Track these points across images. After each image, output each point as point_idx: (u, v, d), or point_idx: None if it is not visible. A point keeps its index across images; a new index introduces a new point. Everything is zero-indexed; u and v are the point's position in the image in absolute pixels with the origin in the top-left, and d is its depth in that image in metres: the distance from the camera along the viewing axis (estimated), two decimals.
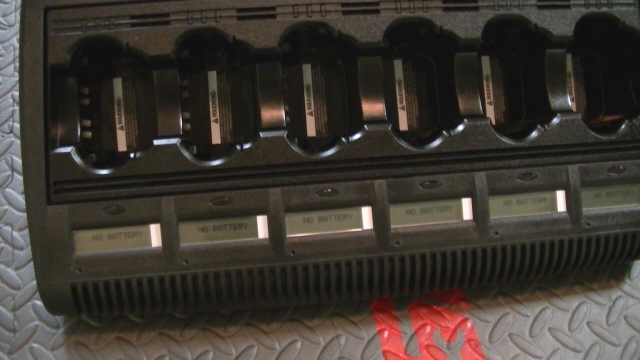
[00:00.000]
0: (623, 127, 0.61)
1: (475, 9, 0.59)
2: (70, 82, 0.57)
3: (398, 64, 0.65)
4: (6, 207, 0.65)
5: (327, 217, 0.57)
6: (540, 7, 0.60)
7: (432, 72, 0.64)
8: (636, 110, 0.62)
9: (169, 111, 0.57)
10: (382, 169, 0.57)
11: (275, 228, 0.56)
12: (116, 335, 0.60)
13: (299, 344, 0.61)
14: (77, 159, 0.55)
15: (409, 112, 0.65)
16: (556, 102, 0.61)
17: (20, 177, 0.65)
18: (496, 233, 0.58)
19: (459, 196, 0.58)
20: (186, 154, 0.56)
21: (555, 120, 0.59)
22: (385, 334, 0.62)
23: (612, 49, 0.65)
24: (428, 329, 0.62)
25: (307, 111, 0.63)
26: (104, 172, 0.55)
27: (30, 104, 0.54)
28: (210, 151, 0.61)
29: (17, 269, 0.63)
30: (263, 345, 0.60)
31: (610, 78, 0.65)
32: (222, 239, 0.56)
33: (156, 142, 0.56)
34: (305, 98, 0.63)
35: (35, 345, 0.60)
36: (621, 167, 0.60)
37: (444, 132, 0.58)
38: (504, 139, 0.58)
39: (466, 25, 0.59)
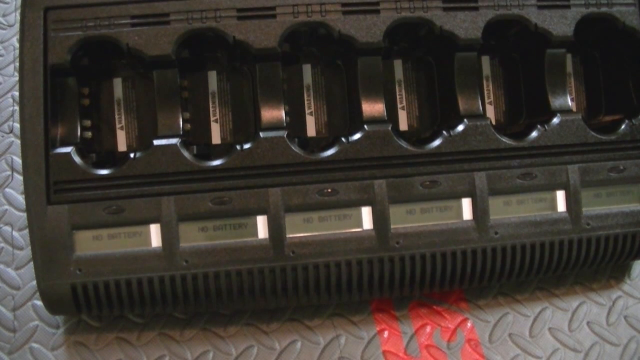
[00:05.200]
0: (623, 127, 0.61)
1: (475, 9, 0.59)
2: (70, 82, 0.57)
3: (398, 64, 0.65)
4: (6, 207, 0.66)
5: (327, 217, 0.57)
6: (540, 7, 0.60)
7: (432, 72, 0.64)
8: (636, 110, 0.62)
9: (169, 111, 0.57)
10: (382, 169, 0.57)
11: (275, 228, 0.56)
12: (116, 335, 0.60)
13: (299, 344, 0.61)
14: (77, 159, 0.55)
15: (409, 112, 0.65)
16: (556, 102, 0.61)
17: (20, 177, 0.65)
18: (496, 233, 0.58)
19: (459, 196, 0.58)
20: (186, 154, 0.56)
21: (555, 120, 0.59)
22: (385, 334, 0.62)
23: (612, 49, 0.65)
24: (428, 329, 0.62)
25: (307, 111, 0.63)
26: (104, 172, 0.55)
27: (30, 104, 0.54)
28: (210, 151, 0.61)
29: (17, 269, 0.63)
30: (263, 345, 0.60)
31: (610, 78, 0.65)
32: (222, 239, 0.56)
33: (156, 142, 0.56)
34: (305, 98, 0.63)
35: (35, 345, 0.60)
36: (621, 167, 0.60)
37: (444, 132, 0.58)
38: (504, 139, 0.58)
39: (466, 25, 0.59)
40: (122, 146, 0.61)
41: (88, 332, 0.60)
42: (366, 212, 0.57)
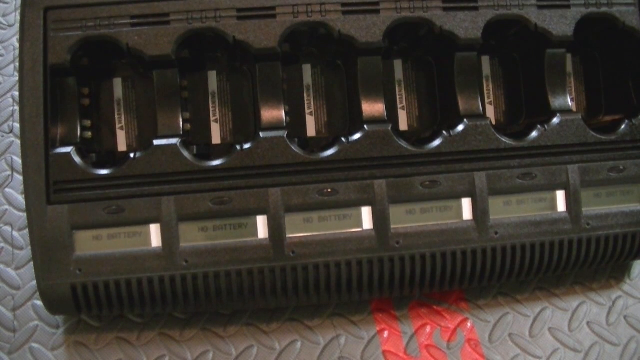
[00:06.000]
0: (623, 127, 0.61)
1: (475, 9, 0.59)
2: (70, 82, 0.57)
3: (398, 64, 0.65)
4: (6, 207, 0.65)
5: (327, 217, 0.57)
6: (540, 7, 0.60)
7: (432, 72, 0.64)
8: (636, 110, 0.62)
9: (169, 111, 0.57)
10: (382, 169, 0.57)
11: (275, 228, 0.56)
12: (116, 335, 0.60)
13: (299, 344, 0.61)
14: (77, 159, 0.55)
15: (409, 112, 0.65)
16: (556, 102, 0.61)
17: (20, 177, 0.65)
18: (496, 233, 0.58)
19: (459, 196, 0.58)
20: (186, 154, 0.56)
21: (555, 120, 0.59)
22: (385, 334, 0.62)
23: (612, 49, 0.65)
24: (428, 329, 0.62)
25: (307, 111, 0.63)
26: (104, 172, 0.55)
27: (30, 104, 0.54)
28: (210, 151, 0.61)
29: (17, 269, 0.63)
30: (263, 345, 0.60)
31: (610, 78, 0.65)
32: (222, 239, 0.56)
33: (156, 142, 0.56)
34: (305, 98, 0.63)
35: (35, 345, 0.60)
36: (621, 167, 0.60)
37: (444, 132, 0.58)
38: (504, 139, 0.58)
39: (466, 25, 0.59)
40: (122, 146, 0.61)
41: (88, 332, 0.60)
42: (366, 212, 0.57)
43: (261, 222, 0.56)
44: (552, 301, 0.64)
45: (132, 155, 0.55)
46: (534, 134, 0.59)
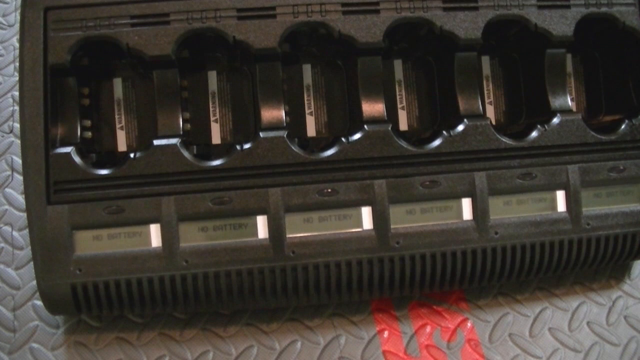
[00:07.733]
0: (623, 127, 0.61)
1: (475, 9, 0.59)
2: (70, 82, 0.57)
3: (398, 64, 0.65)
4: (6, 207, 0.66)
5: (327, 217, 0.57)
6: (540, 7, 0.60)
7: (432, 72, 0.64)
8: (636, 110, 0.62)
9: (169, 111, 0.57)
10: (382, 169, 0.57)
11: (275, 228, 0.56)
12: (116, 335, 0.60)
13: (299, 344, 0.61)
14: (77, 159, 0.55)
15: (409, 112, 0.65)
16: (556, 102, 0.61)
17: (20, 177, 0.65)
18: (496, 233, 0.58)
19: (459, 196, 0.58)
20: (186, 154, 0.56)
21: (555, 120, 0.59)
22: (385, 334, 0.62)
23: (612, 49, 0.65)
24: (428, 329, 0.62)
25: (307, 111, 0.63)
26: (104, 172, 0.55)
27: (30, 104, 0.54)
28: (210, 151, 0.61)
29: (17, 269, 0.63)
30: (263, 345, 0.60)
31: (610, 78, 0.65)
32: (222, 239, 0.56)
33: (156, 142, 0.56)
34: (305, 98, 0.63)
35: (35, 345, 0.60)
36: (621, 167, 0.60)
37: (444, 132, 0.58)
38: (504, 139, 0.58)
39: (466, 25, 0.59)
40: (122, 146, 0.61)
41: (88, 332, 0.60)
42: (366, 212, 0.57)
43: (261, 222, 0.56)
44: (552, 301, 0.64)
45: (132, 155, 0.55)
46: (534, 134, 0.59)
